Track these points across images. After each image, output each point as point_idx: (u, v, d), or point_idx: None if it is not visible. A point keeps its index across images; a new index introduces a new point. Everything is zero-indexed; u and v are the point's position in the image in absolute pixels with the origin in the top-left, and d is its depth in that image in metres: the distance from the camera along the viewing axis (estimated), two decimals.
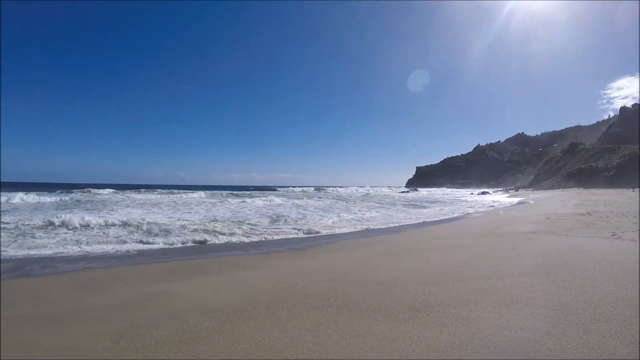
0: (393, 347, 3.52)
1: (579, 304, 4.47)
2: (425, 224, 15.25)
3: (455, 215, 18.78)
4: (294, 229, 13.91)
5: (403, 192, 68.70)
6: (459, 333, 3.78)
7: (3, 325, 4.55)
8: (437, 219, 17.22)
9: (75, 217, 13.36)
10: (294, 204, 29.14)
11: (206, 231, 12.64)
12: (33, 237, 11.05)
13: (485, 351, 3.32)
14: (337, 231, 13.31)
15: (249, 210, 23.38)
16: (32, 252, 9.20)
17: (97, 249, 9.79)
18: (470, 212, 20.93)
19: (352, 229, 13.87)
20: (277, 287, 5.99)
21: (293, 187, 73.73)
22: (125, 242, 10.68)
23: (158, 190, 53.81)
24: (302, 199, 38.06)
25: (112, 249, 9.89)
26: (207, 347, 3.76)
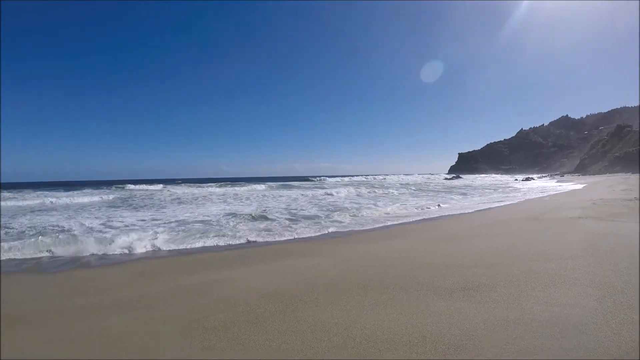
0: (451, 322, 3.91)
1: (624, 283, 4.70)
2: (472, 211, 15.35)
3: (500, 202, 18.69)
4: (348, 217, 14.39)
5: (446, 179, 67.53)
6: (511, 309, 4.13)
7: (85, 313, 5.21)
8: (483, 206, 17.22)
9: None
10: (342, 194, 29.28)
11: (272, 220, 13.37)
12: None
13: (536, 325, 3.65)
14: (390, 219, 13.54)
15: (302, 201, 23.88)
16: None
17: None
18: (515, 198, 20.74)
19: (402, 217, 14.09)
20: (333, 272, 6.45)
21: (335, 177, 73.07)
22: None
23: (208, 184, 54.22)
24: (349, 187, 38.02)
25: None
26: (274, 326, 4.20)
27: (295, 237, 10.75)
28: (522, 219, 11.97)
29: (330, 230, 11.79)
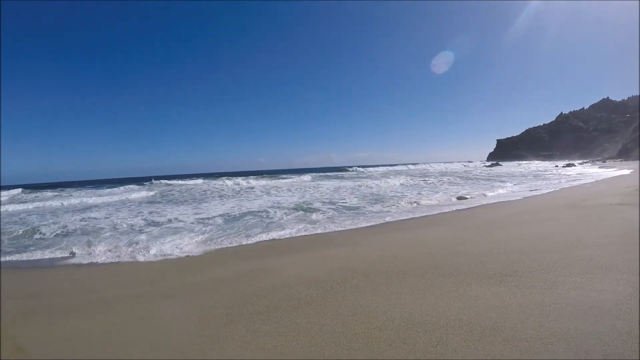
0: (487, 306, 4.08)
1: None
2: (511, 199, 15.18)
3: (539, 189, 18.35)
4: (388, 206, 14.52)
5: (485, 166, 66.03)
6: (547, 294, 4.25)
7: (138, 300, 5.65)
8: (522, 193, 16.96)
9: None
10: (382, 183, 28.92)
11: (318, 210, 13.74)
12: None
13: (571, 309, 3.77)
14: (429, 208, 13.56)
15: (344, 191, 23.87)
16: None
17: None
18: (556, 185, 20.30)
19: (442, 205, 14.06)
20: (373, 260, 6.67)
21: (372, 166, 72.33)
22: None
23: (248, 176, 54.16)
24: (389, 177, 37.68)
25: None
26: (316, 310, 4.49)
27: (338, 227, 10.90)
28: (562, 206, 11.82)
29: (372, 219, 11.92)
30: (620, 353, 2.87)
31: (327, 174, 54.54)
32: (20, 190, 41.00)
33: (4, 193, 36.94)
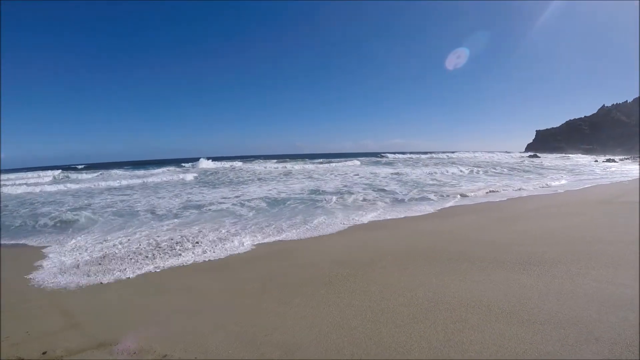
0: (508, 291, 4.34)
1: None
2: (546, 192, 15.03)
3: (576, 184, 18.04)
4: (422, 193, 14.63)
5: (522, 157, 64.27)
6: (567, 284, 4.46)
7: (170, 273, 6.18)
8: (558, 187, 16.72)
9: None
10: (417, 171, 28.96)
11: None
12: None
13: (588, 299, 3.97)
14: (462, 197, 13.62)
15: (383, 177, 23.91)
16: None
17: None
18: (593, 181, 19.84)
19: (474, 196, 14.06)
20: (403, 244, 6.99)
21: (407, 153, 70.98)
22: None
23: (289, 160, 53.70)
24: (423, 165, 37.62)
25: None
26: (345, 287, 4.85)
27: (375, 212, 11.03)
28: (595, 201, 11.72)
29: (407, 205, 12.14)
30: (629, 342, 3.09)
31: (362, 159, 53.99)
32: (59, 171, 43.01)
33: (47, 173, 39.07)
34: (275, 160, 51.85)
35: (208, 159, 46.60)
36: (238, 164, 45.54)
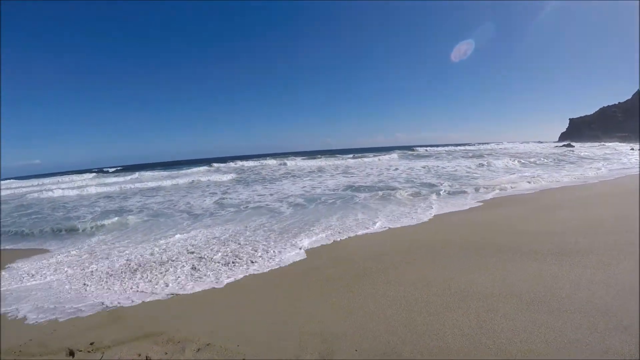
0: (539, 281, 4.45)
1: None
2: (581, 182, 14.74)
3: (610, 174, 17.56)
4: (458, 185, 14.62)
5: (557, 147, 62.09)
6: (598, 274, 4.53)
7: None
8: (591, 178, 16.33)
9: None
10: (452, 163, 29.06)
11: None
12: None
13: (619, 289, 4.04)
14: (498, 189, 13.46)
15: (418, 170, 23.81)
16: None
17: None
18: (628, 170, 19.25)
19: (510, 187, 13.87)
20: (436, 237, 7.16)
21: (439, 146, 69.27)
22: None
23: (333, 155, 53.69)
24: (458, 157, 37.31)
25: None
26: (379, 279, 5.10)
27: (409, 206, 11.00)
28: (630, 192, 11.47)
29: (444, 199, 12.14)
30: None
31: (404, 152, 52.81)
32: (93, 174, 44.96)
33: (82, 177, 41.00)
34: (304, 157, 51.60)
35: (238, 158, 46.94)
36: (271, 161, 45.51)
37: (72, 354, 3.59)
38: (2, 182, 55.62)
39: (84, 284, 6.06)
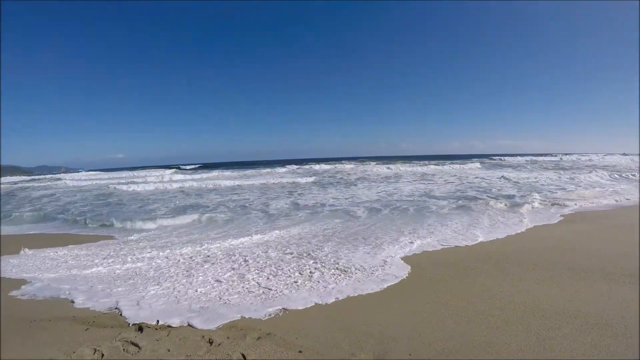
0: (608, 303, 4.33)
1: None
2: None
3: None
4: (539, 198, 14.04)
5: None
6: None
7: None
8: None
9: None
10: (533, 174, 27.65)
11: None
12: None
13: None
14: (578, 204, 12.83)
15: (497, 180, 23.26)
16: None
17: None
18: None
19: (592, 202, 13.21)
20: (508, 249, 7.14)
21: (517, 155, 65.44)
22: None
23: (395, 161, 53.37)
24: (538, 168, 35.49)
25: None
26: (444, 287, 5.23)
27: (485, 216, 10.94)
28: None
29: (517, 211, 11.72)
30: None
31: (481, 160, 51.22)
32: (173, 170, 48.66)
33: (162, 172, 44.39)
34: (376, 163, 51.26)
35: (312, 160, 47.70)
36: (348, 165, 45.70)
37: (140, 329, 4.13)
38: (86, 173, 62.21)
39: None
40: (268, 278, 5.97)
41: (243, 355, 3.42)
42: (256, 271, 6.37)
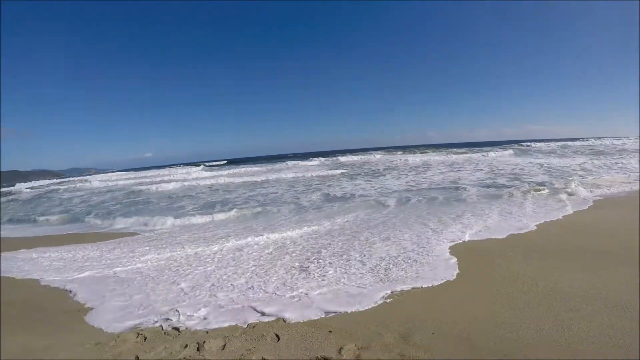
0: (629, 286, 4.47)
1: None
2: None
3: None
4: (573, 185, 13.51)
5: None
6: None
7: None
8: None
9: None
10: (565, 159, 26.72)
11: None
12: None
13: None
14: (611, 190, 12.63)
15: (524, 166, 22.95)
16: None
17: None
18: None
19: (622, 187, 12.96)
20: (534, 237, 7.26)
21: (546, 141, 62.38)
22: None
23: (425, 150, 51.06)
24: (574, 153, 34.13)
25: None
26: (466, 273, 5.44)
27: (514, 204, 10.84)
28: None
29: (547, 198, 11.65)
30: None
31: (511, 145, 48.87)
32: (201, 166, 49.97)
33: (190, 169, 45.75)
34: (402, 152, 50.29)
35: (339, 152, 47.37)
36: (377, 156, 44.87)
37: None
38: (117, 173, 64.48)
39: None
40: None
41: (276, 336, 3.77)
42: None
